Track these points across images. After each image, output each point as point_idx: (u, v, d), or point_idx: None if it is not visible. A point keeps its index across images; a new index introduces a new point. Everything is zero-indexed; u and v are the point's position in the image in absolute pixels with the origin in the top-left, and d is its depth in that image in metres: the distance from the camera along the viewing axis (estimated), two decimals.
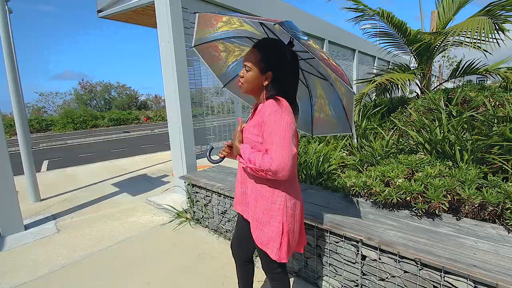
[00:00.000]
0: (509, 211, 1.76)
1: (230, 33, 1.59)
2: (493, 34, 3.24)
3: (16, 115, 4.22)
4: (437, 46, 4.24)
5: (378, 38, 4.91)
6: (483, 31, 3.11)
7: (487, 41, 3.27)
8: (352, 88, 1.33)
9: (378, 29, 4.70)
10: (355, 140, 2.84)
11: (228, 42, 1.68)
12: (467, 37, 3.46)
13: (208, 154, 1.63)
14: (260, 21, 1.21)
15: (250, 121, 1.40)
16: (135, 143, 12.29)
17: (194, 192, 3.38)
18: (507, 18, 3.39)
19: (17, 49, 5.12)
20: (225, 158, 1.52)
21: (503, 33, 3.41)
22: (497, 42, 3.45)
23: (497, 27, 3.40)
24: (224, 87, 1.92)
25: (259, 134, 1.29)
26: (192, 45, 1.69)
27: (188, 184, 3.41)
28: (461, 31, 3.39)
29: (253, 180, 1.39)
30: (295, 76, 1.38)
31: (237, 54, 1.75)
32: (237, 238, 1.66)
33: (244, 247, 1.64)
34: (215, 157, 1.55)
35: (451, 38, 3.85)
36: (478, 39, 3.25)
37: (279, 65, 1.31)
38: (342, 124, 1.67)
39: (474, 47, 3.59)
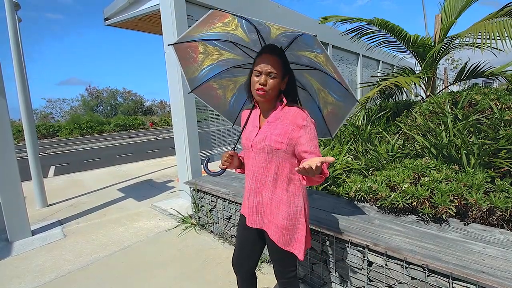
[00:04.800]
0: None
1: (218, 35, 1.55)
2: None
3: (25, 121, 4.29)
4: (442, 50, 4.23)
5: (382, 45, 4.91)
6: (507, 33, 2.99)
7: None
8: (353, 95, 1.40)
9: (380, 38, 4.70)
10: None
11: (209, 44, 1.63)
12: (487, 39, 3.21)
13: (205, 165, 1.53)
14: (298, 33, 1.26)
15: (269, 129, 1.35)
16: (140, 148, 12.38)
17: (199, 197, 3.39)
18: None
19: (25, 56, 5.23)
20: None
21: None
22: None
23: None
24: (191, 91, 1.83)
25: (284, 142, 1.31)
26: (173, 42, 1.61)
27: (193, 189, 3.42)
28: (480, 34, 3.21)
29: (273, 188, 1.38)
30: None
31: (215, 57, 1.70)
32: (240, 251, 1.59)
33: (248, 259, 1.58)
34: (215, 169, 1.49)
35: (460, 40, 3.78)
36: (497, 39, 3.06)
37: (291, 70, 1.40)
38: (320, 130, 1.74)
39: (484, 49, 3.40)
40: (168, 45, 1.65)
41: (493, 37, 3.15)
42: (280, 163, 1.34)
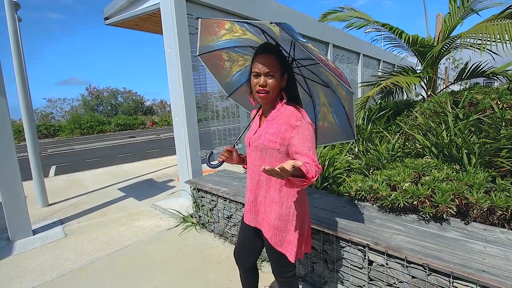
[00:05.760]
0: None
1: (233, 42, 1.59)
2: None
3: (25, 121, 4.29)
4: (444, 49, 4.22)
5: (383, 43, 4.92)
6: (507, 36, 2.99)
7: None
8: (351, 88, 1.33)
9: (382, 36, 4.71)
10: (356, 148, 2.81)
11: (231, 52, 1.67)
12: (488, 40, 3.23)
13: (207, 158, 1.61)
14: (257, 25, 1.29)
15: (266, 128, 1.36)
16: (141, 148, 12.39)
17: (199, 197, 3.39)
18: None
19: (25, 55, 5.24)
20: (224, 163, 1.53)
21: None
22: None
23: None
24: (229, 96, 1.91)
25: (277, 141, 1.30)
26: (197, 54, 1.70)
27: (194, 189, 3.42)
28: (481, 35, 3.24)
29: (267, 187, 1.39)
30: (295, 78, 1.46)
31: (241, 63, 1.73)
32: (241, 246, 1.63)
33: (248, 256, 1.61)
34: (214, 162, 1.55)
35: (461, 40, 3.78)
36: (497, 42, 3.07)
37: (289, 66, 1.39)
38: (345, 131, 1.67)
39: (484, 50, 3.39)
40: (195, 56, 1.73)
41: (493, 40, 3.14)
42: (273, 163, 1.33)
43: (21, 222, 3.32)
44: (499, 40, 3.10)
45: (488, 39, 3.21)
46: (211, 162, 1.58)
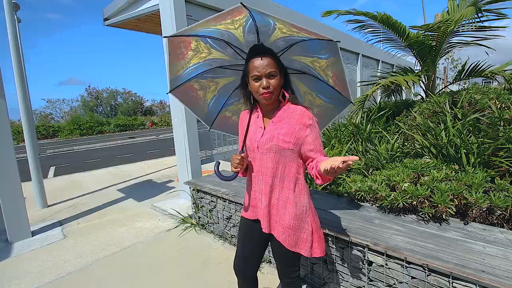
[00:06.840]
0: None
1: (201, 66, 1.57)
2: (476, 24, 3.45)
3: (24, 122, 4.28)
4: (439, 47, 4.22)
5: (382, 43, 4.92)
6: (465, 17, 3.19)
7: (470, 24, 3.39)
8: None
9: (381, 36, 4.71)
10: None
11: (201, 79, 1.62)
12: (458, 27, 3.57)
13: (216, 169, 1.50)
14: (218, 36, 1.35)
15: (276, 129, 1.34)
16: (140, 149, 12.38)
17: (199, 198, 3.39)
18: (490, 9, 3.52)
19: (24, 56, 5.22)
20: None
21: (482, 23, 3.61)
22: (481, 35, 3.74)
23: (480, 20, 3.54)
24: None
25: (291, 141, 1.31)
26: (168, 90, 1.61)
27: (193, 190, 3.42)
28: (450, 22, 3.50)
29: (280, 188, 1.37)
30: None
31: (213, 89, 1.70)
32: (244, 257, 1.56)
33: (251, 266, 1.55)
34: (228, 173, 1.46)
35: (446, 35, 3.87)
36: (465, 25, 3.42)
37: (282, 63, 1.39)
38: (339, 102, 1.60)
39: (472, 44, 3.63)
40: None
41: (459, 25, 3.52)
42: (287, 163, 1.35)
43: (20, 224, 3.31)
44: (471, 22, 3.33)
45: (465, 22, 3.46)
46: (224, 174, 1.48)
